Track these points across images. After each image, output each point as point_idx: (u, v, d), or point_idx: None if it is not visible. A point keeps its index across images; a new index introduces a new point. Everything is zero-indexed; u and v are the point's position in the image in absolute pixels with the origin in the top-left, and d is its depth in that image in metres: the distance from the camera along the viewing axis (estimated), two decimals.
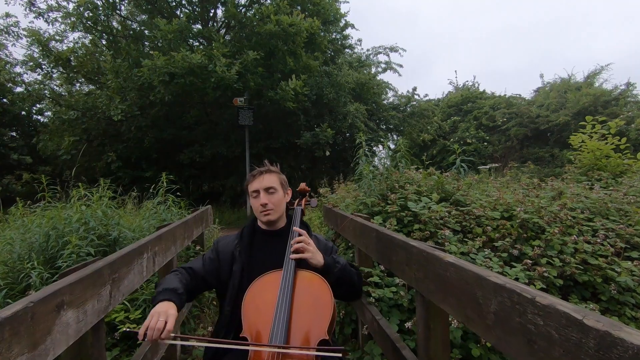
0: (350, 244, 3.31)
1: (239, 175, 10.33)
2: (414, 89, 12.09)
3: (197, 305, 3.43)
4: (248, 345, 1.29)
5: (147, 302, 2.89)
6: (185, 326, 3.05)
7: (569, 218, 3.25)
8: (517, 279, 2.52)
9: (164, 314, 1.25)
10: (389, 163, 4.75)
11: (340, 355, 1.25)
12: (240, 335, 1.38)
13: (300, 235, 1.58)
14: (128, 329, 1.24)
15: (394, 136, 12.83)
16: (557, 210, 3.39)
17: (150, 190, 4.43)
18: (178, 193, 4.43)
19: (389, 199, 3.38)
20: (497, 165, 7.33)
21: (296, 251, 1.53)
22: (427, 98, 13.55)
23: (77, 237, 2.75)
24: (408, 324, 2.23)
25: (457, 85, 21.28)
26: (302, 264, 1.57)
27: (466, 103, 18.13)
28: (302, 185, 2.06)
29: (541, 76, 17.63)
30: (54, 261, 2.87)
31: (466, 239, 3.09)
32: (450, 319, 2.05)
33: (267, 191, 1.62)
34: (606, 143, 5.62)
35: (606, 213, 3.64)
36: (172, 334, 1.23)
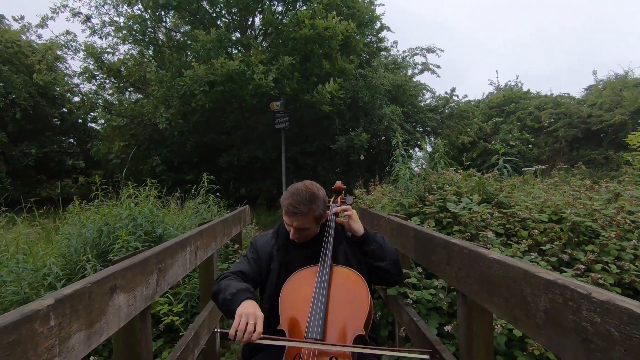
0: None
1: (275, 179, 10.52)
2: (453, 89, 11.74)
3: None
4: (281, 341, 1.29)
5: (189, 296, 3.02)
6: (223, 322, 3.14)
7: (628, 222, 3.00)
8: None
9: (252, 316, 1.26)
10: (426, 164, 4.63)
11: (427, 357, 1.22)
12: (278, 329, 1.40)
13: (343, 213, 1.65)
14: (219, 331, 1.29)
15: (432, 138, 12.50)
16: (614, 213, 3.14)
17: (192, 191, 4.64)
18: (218, 194, 4.60)
19: (426, 200, 3.29)
20: (543, 167, 6.91)
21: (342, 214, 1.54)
22: (466, 99, 13.08)
23: (127, 233, 2.93)
24: (448, 328, 2.15)
25: (499, 85, 20.40)
26: (339, 259, 1.57)
27: (509, 104, 17.31)
28: (338, 183, 2.05)
29: (594, 73, 16.54)
30: (105, 254, 3.07)
31: (510, 242, 2.94)
32: (493, 323, 1.96)
33: (300, 230, 1.57)
34: None
35: None
36: (262, 335, 1.25)
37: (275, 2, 10.51)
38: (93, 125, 13.57)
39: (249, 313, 1.27)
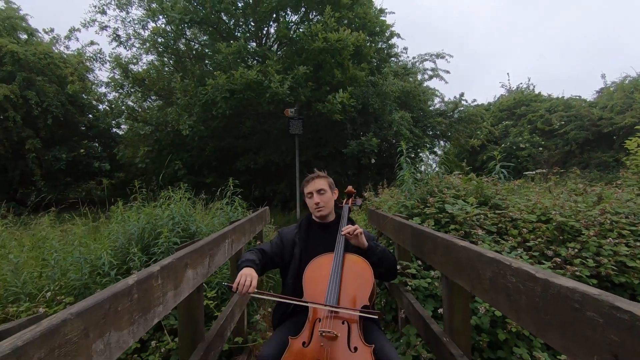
0: (390, 242, 3.67)
1: (289, 181, 11.01)
2: (462, 94, 12.04)
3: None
4: (307, 303, 1.76)
5: (219, 285, 3.49)
6: (249, 307, 3.61)
7: (608, 222, 3.35)
8: None
9: (249, 276, 1.74)
10: (430, 169, 5.02)
11: (376, 317, 1.68)
12: (301, 300, 1.85)
13: (350, 231, 2.05)
14: (226, 284, 1.75)
15: (441, 142, 12.82)
16: (598, 214, 3.49)
17: (217, 194, 5.15)
18: (239, 196, 5.09)
19: (428, 202, 3.70)
20: (544, 171, 7.18)
21: (348, 233, 1.96)
22: (475, 103, 13.33)
23: (168, 230, 3.43)
24: (441, 310, 2.56)
25: (510, 88, 20.49)
26: (350, 248, 2.01)
27: (519, 106, 17.43)
28: (349, 187, 2.52)
29: (603, 76, 16.60)
30: (148, 248, 3.57)
31: (500, 240, 3.33)
32: (482, 307, 2.38)
33: (319, 192, 2.09)
34: None
35: None
36: (256, 290, 1.72)
37: (290, 13, 11.04)
38: (117, 130, 14.32)
39: (247, 274, 1.74)
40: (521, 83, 24.76)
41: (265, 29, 11.62)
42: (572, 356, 0.94)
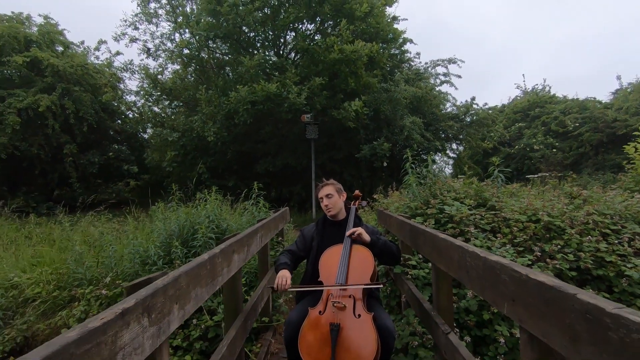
0: (395, 238, 4.18)
1: (305, 184, 11.59)
2: (473, 98, 12.36)
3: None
4: (324, 287, 2.29)
5: (250, 275, 4.07)
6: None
7: (590, 222, 3.76)
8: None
9: (284, 277, 2.27)
10: (439, 172, 5.48)
11: (381, 285, 2.19)
12: (317, 280, 2.39)
13: (356, 233, 2.57)
14: (270, 286, 2.32)
15: (453, 145, 13.16)
16: (584, 215, 3.90)
17: (241, 196, 5.76)
18: (262, 197, 5.69)
19: (430, 204, 4.19)
20: (546, 174, 7.50)
21: (352, 234, 2.50)
22: (487, 107, 13.61)
23: (205, 227, 4.04)
24: None
25: (526, 89, 20.55)
26: (357, 240, 2.54)
27: (534, 108, 17.53)
28: (357, 192, 3.05)
29: (618, 78, 16.51)
30: (187, 243, 4.19)
31: (495, 237, 3.78)
32: (468, 292, 2.86)
33: (327, 197, 2.65)
34: None
35: (633, 218, 4.04)
36: (291, 287, 2.27)
37: (307, 22, 11.64)
38: (144, 135, 15.24)
39: (282, 275, 2.29)
40: (537, 84, 24.65)
41: (283, 38, 12.25)
42: (497, 306, 1.44)
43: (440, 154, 13.01)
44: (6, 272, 4.30)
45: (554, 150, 15.36)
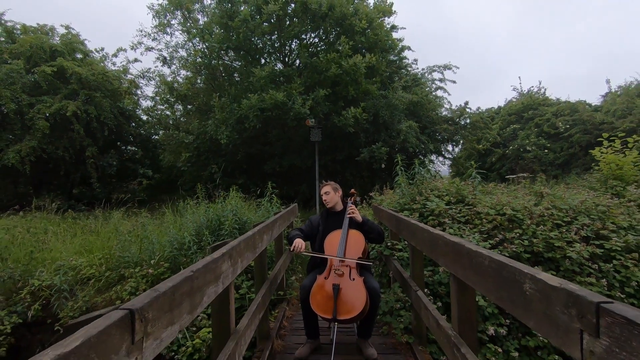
0: (386, 227, 5.04)
1: (310, 183, 12.48)
2: (466, 103, 13.21)
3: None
4: (328, 255, 3.16)
5: (267, 258, 4.93)
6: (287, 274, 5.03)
7: (545, 214, 4.61)
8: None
9: (300, 242, 3.15)
10: (430, 173, 6.32)
11: (371, 264, 3.06)
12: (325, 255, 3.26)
13: (352, 212, 3.43)
14: (288, 247, 3.18)
15: (448, 147, 14.02)
16: (541, 210, 4.74)
17: (255, 193, 6.65)
18: (274, 195, 6.57)
19: (415, 200, 5.04)
20: (524, 175, 8.25)
21: (350, 213, 3.36)
22: (482, 110, 14.44)
23: (230, 219, 4.92)
24: None
25: (522, 91, 21.31)
26: (352, 226, 3.40)
27: (527, 110, 18.30)
28: (352, 190, 3.91)
29: (607, 82, 17.15)
30: (214, 232, 5.07)
31: (466, 227, 4.62)
32: (441, 268, 3.70)
33: (325, 194, 3.50)
34: (624, 156, 6.52)
35: (586, 212, 4.86)
36: (305, 250, 3.13)
37: (311, 34, 12.51)
38: (156, 137, 16.17)
39: (298, 241, 3.14)
40: (532, 86, 25.36)
41: (289, 46, 13.13)
42: (437, 260, 2.30)
43: (435, 156, 13.87)
44: (64, 257, 5.20)
45: (546, 151, 16.13)
